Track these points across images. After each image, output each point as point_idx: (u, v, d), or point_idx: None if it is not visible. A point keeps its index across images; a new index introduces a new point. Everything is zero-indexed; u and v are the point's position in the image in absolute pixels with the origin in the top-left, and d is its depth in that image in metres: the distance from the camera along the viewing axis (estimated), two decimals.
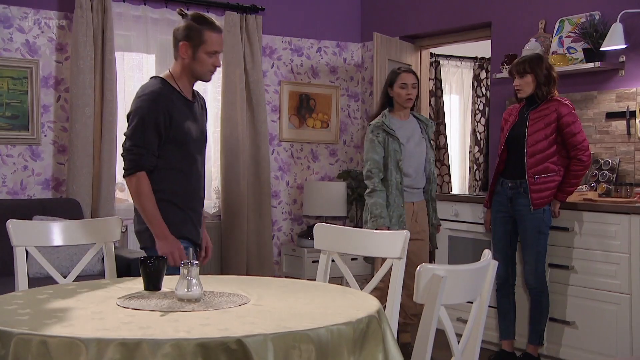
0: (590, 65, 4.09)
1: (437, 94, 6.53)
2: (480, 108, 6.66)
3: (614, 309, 3.58)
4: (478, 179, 6.54)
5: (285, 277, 5.53)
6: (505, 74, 4.58)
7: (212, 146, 5.31)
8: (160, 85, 2.66)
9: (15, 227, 2.58)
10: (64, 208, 4.45)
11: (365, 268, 5.26)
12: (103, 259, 3.22)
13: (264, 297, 2.08)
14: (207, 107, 5.63)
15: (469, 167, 6.73)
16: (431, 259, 4.86)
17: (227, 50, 5.22)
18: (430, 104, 6.25)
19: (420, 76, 5.69)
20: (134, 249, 4.62)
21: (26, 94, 4.63)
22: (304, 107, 5.81)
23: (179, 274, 2.04)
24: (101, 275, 4.13)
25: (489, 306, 2.01)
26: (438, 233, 4.18)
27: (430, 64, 6.21)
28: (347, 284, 2.67)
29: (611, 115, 4.14)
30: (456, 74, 6.93)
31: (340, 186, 5.54)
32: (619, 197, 3.85)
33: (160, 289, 2.18)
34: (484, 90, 6.67)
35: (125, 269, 3.97)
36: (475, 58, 6.75)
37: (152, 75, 2.82)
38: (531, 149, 3.72)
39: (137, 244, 4.92)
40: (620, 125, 4.10)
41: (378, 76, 5.06)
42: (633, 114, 4.03)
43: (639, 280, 3.47)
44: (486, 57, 6.51)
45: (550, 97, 3.76)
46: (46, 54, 4.72)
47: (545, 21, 4.54)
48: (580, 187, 4.00)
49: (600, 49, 4.03)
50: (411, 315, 4.06)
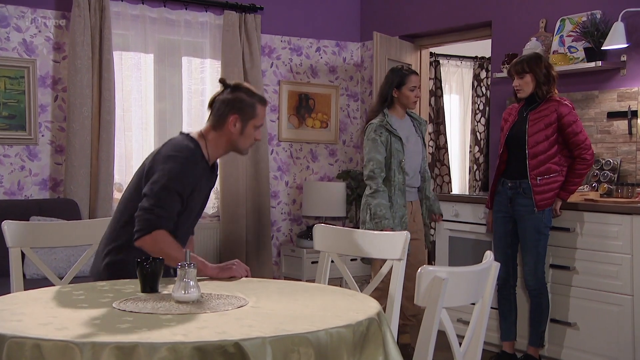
0: (592, 64, 4.07)
1: (437, 93, 6.51)
2: (481, 108, 6.63)
3: (616, 310, 3.55)
4: (478, 179, 6.51)
5: (285, 278, 5.52)
6: (505, 74, 4.55)
7: None
8: (195, 150, 2.49)
9: (10, 228, 2.56)
10: (61, 208, 4.42)
11: (365, 269, 5.23)
12: None
13: (262, 300, 2.05)
14: (205, 108, 5.58)
15: (469, 167, 6.71)
16: (429, 258, 4.81)
17: (226, 50, 5.20)
18: (430, 104, 6.23)
19: (420, 76, 5.67)
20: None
21: (23, 93, 4.60)
22: (303, 107, 5.78)
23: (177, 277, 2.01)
24: None
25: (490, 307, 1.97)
26: (439, 222, 4.24)
27: (430, 64, 6.19)
28: (347, 285, 2.64)
29: (612, 115, 4.11)
30: (456, 74, 6.90)
31: (340, 186, 5.51)
32: (620, 198, 3.82)
33: (157, 291, 2.15)
34: (484, 90, 6.65)
35: None
36: (475, 57, 6.73)
37: (184, 132, 2.62)
38: (532, 150, 3.69)
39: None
40: (621, 125, 4.08)
41: (378, 76, 5.03)
42: (635, 114, 4.00)
43: None
44: (486, 57, 6.49)
45: (549, 97, 3.73)
46: (43, 54, 4.69)
47: (545, 20, 4.51)
48: (581, 188, 3.98)
49: (602, 48, 4.00)
50: (409, 316, 4.04)
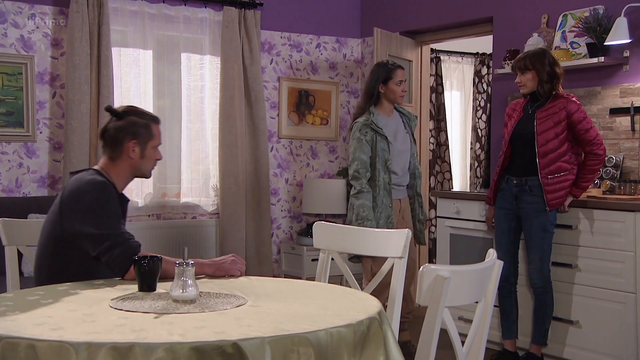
0: (594, 60, 4.03)
1: (438, 90, 6.47)
2: (482, 104, 6.60)
3: (619, 308, 3.52)
4: (479, 176, 6.48)
5: (285, 276, 5.49)
6: (507, 70, 4.52)
7: (210, 143, 5.25)
8: (104, 181, 2.38)
9: (6, 226, 2.53)
10: None
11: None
12: None
13: (261, 298, 2.02)
14: (205, 104, 5.50)
15: (470, 164, 6.67)
16: (430, 256, 4.78)
17: (226, 46, 5.16)
18: (431, 101, 6.19)
19: (420, 72, 5.64)
20: None
21: (21, 90, 4.56)
22: (303, 104, 5.75)
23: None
24: None
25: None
26: (426, 229, 4.15)
27: (431, 60, 6.15)
28: (347, 283, 2.61)
29: (615, 111, 4.08)
30: (457, 70, 6.87)
31: (340, 183, 5.48)
32: (623, 195, 3.79)
33: (155, 290, 2.12)
34: (485, 86, 6.61)
35: None
36: (476, 54, 6.69)
37: (83, 168, 2.53)
38: (542, 148, 3.64)
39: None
40: (624, 121, 4.04)
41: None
42: (637, 110, 3.97)
43: None
44: (487, 53, 6.45)
45: (555, 94, 3.69)
46: (41, 50, 4.66)
47: (547, 16, 4.47)
48: None
49: (604, 44, 3.97)
50: (404, 314, 3.99)
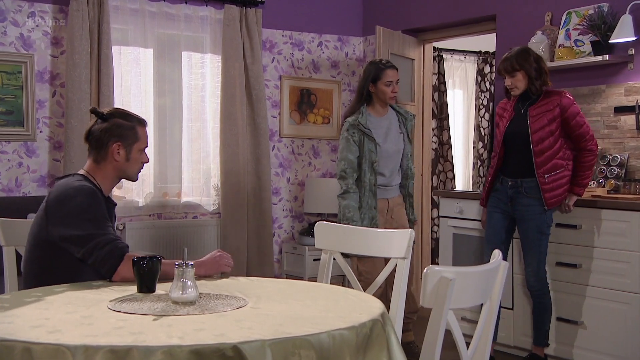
0: (599, 58, 3.99)
1: (441, 88, 6.44)
2: (484, 103, 6.56)
3: (624, 309, 3.49)
4: (482, 175, 6.44)
5: (286, 276, 5.46)
6: None
7: (212, 142, 5.22)
8: (90, 186, 2.33)
9: (4, 226, 2.50)
10: None
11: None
12: None
13: (262, 300, 1.99)
14: (206, 103, 5.48)
15: (473, 163, 6.64)
16: (432, 256, 4.74)
17: (227, 44, 5.13)
18: (433, 99, 6.16)
19: (423, 71, 5.60)
20: (131, 248, 4.53)
21: (21, 89, 4.53)
22: (304, 103, 5.71)
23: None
24: None
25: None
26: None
27: (434, 58, 6.12)
28: (349, 283, 2.58)
29: (620, 110, 4.04)
30: (460, 69, 6.83)
31: None
32: (628, 194, 3.75)
33: (154, 291, 2.08)
34: (487, 85, 6.58)
35: None
36: (479, 52, 6.65)
37: (68, 173, 2.47)
38: (538, 147, 3.59)
39: (134, 242, 4.85)
40: (629, 119, 4.00)
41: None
42: None
43: None
44: (490, 51, 6.42)
45: (547, 90, 3.62)
46: (41, 48, 4.63)
47: (551, 13, 4.44)
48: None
49: (609, 42, 3.93)
50: (407, 314, 3.93)
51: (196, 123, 5.19)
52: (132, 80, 4.91)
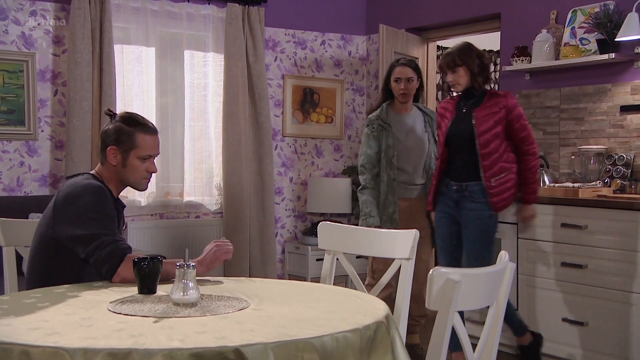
0: (604, 56, 3.95)
1: (444, 87, 6.40)
2: None
3: (630, 310, 3.45)
4: None
5: (289, 276, 5.44)
6: (515, 67, 4.45)
7: (214, 142, 5.20)
8: (99, 184, 2.32)
9: (3, 226, 2.47)
10: None
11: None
12: None
13: (264, 302, 1.96)
14: (208, 102, 5.43)
15: None
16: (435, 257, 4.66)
17: (229, 43, 5.10)
18: (437, 98, 6.12)
19: (427, 69, 5.56)
20: (133, 247, 4.50)
21: (22, 88, 4.51)
22: (307, 102, 5.68)
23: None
24: None
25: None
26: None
27: (437, 57, 6.08)
28: (352, 284, 2.55)
29: (626, 109, 4.00)
30: None
31: (345, 182, 5.42)
32: (634, 194, 3.72)
33: (155, 292, 2.06)
34: (492, 84, 6.53)
35: None
36: (483, 51, 6.60)
37: (78, 173, 2.46)
38: (485, 151, 3.44)
39: (136, 242, 4.83)
40: (635, 118, 3.96)
41: (383, 69, 4.93)
42: None
43: None
44: (494, 50, 6.38)
45: (492, 92, 3.52)
46: (43, 47, 4.60)
47: (556, 12, 4.40)
48: (593, 183, 3.88)
49: (615, 40, 3.89)
50: (416, 317, 3.91)
51: (198, 122, 5.17)
52: (134, 79, 4.89)
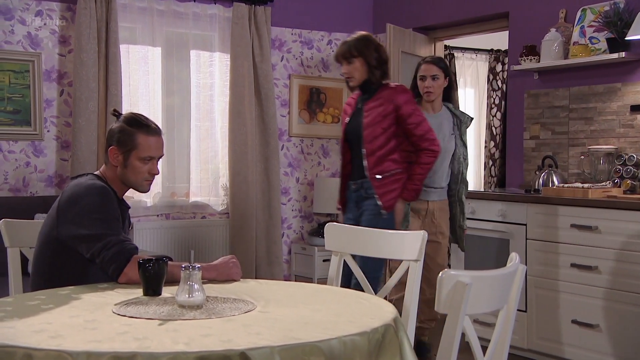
0: (614, 55, 3.91)
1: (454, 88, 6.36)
2: (496, 102, 6.48)
3: None
4: (494, 175, 6.37)
5: (296, 277, 5.41)
6: (523, 66, 4.41)
7: (220, 142, 5.18)
8: (103, 185, 2.30)
9: (8, 228, 2.45)
10: None
11: None
12: None
13: (271, 304, 1.94)
14: (214, 102, 5.42)
15: (485, 163, 6.56)
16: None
17: (235, 43, 5.08)
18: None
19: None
20: (139, 248, 4.48)
21: (28, 88, 4.50)
22: (314, 102, 5.66)
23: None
24: None
25: None
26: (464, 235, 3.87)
27: (445, 57, 6.04)
28: (359, 285, 2.52)
29: (636, 108, 3.96)
30: (471, 67, 6.75)
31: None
32: None
33: (160, 294, 2.03)
34: (499, 83, 6.50)
35: None
36: (491, 50, 6.57)
37: (83, 173, 2.43)
38: (370, 145, 3.30)
39: (142, 242, 4.81)
40: None
41: (391, 69, 4.89)
42: None
43: None
44: (502, 50, 6.34)
45: (385, 85, 3.37)
46: (49, 47, 4.59)
47: (565, 10, 4.36)
48: (603, 184, 3.83)
49: (625, 39, 3.85)
50: (427, 320, 3.85)
51: (204, 122, 5.15)
52: (140, 79, 4.87)
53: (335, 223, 2.58)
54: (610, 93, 4.09)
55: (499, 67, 6.54)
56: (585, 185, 3.81)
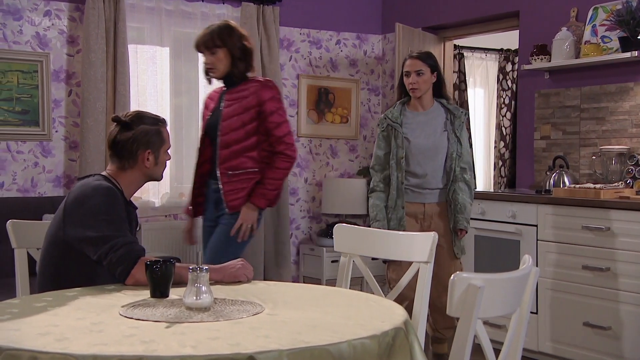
0: (627, 54, 3.86)
1: (461, 87, 6.32)
2: (506, 102, 6.43)
3: None
4: (504, 176, 6.32)
5: (304, 278, 5.39)
6: (534, 66, 4.37)
7: None
8: (111, 187, 2.28)
9: (15, 229, 2.44)
10: None
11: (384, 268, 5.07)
12: None
13: (279, 306, 1.91)
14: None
15: (494, 163, 6.51)
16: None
17: None
18: (453, 98, 6.04)
19: (443, 69, 5.48)
20: (146, 248, 4.47)
21: (36, 88, 4.50)
22: (322, 102, 5.63)
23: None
24: None
25: None
26: (459, 239, 3.56)
27: (454, 56, 6.00)
28: (368, 286, 2.50)
29: None
30: (481, 67, 6.71)
31: (360, 183, 5.36)
32: None
33: (167, 296, 2.01)
34: (509, 83, 6.45)
35: None
36: (501, 50, 6.52)
37: (90, 174, 2.40)
38: (225, 137, 3.08)
39: (150, 243, 4.80)
40: None
41: (399, 69, 4.86)
42: None
43: None
44: (512, 49, 6.29)
45: (250, 77, 3.18)
46: (57, 47, 4.59)
47: (577, 9, 4.31)
48: (615, 184, 3.79)
49: (638, 38, 3.80)
50: (442, 330, 3.68)
51: None
52: (149, 80, 4.86)
53: (344, 224, 2.55)
54: (623, 93, 4.05)
55: (509, 67, 6.49)
56: (597, 185, 3.76)
